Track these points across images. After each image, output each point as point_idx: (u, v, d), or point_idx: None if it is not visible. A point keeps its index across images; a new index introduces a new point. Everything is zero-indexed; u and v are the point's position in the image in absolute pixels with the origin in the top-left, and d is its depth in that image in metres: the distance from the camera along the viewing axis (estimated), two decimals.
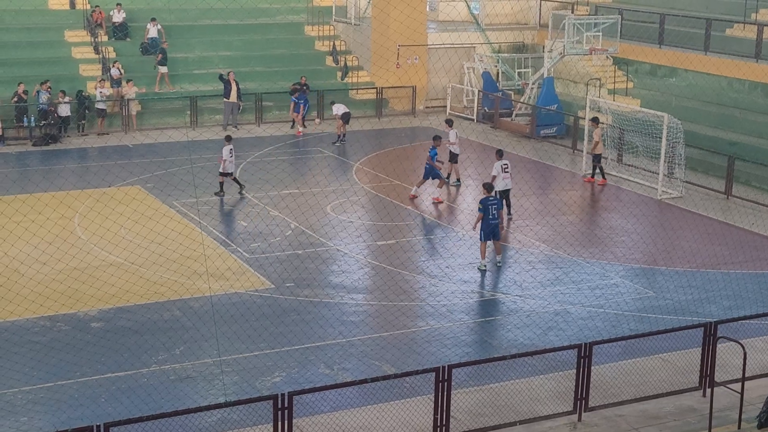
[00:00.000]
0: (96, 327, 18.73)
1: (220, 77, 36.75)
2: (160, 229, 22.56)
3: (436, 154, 27.47)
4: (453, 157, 29.63)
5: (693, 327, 16.75)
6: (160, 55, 38.44)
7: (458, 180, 29.79)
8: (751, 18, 37.02)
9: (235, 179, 28.02)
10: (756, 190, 29.32)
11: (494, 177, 25.55)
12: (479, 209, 22.32)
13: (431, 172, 27.55)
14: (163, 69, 38.39)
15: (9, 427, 14.83)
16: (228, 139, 28.02)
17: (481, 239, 22.28)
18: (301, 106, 36.75)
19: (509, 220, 25.77)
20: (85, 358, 17.20)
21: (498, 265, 22.50)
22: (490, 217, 22.07)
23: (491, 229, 22.19)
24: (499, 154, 26.29)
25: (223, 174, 27.66)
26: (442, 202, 27.61)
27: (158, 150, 32.48)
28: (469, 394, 15.91)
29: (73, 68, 37.92)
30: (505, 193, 25.82)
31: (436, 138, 28.22)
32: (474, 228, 22.59)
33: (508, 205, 26.04)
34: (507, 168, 25.99)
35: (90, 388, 16.16)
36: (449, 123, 30.62)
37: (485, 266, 22.24)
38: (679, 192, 28.99)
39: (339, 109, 35.84)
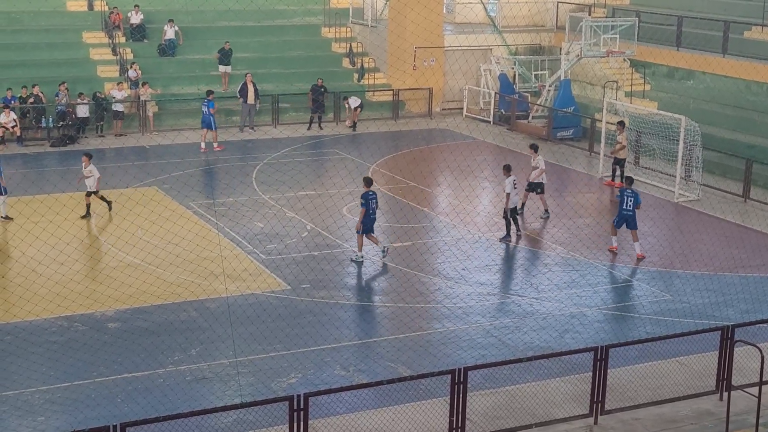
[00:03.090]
0: (113, 327, 18.80)
1: (239, 92, 36.72)
2: (177, 230, 22.62)
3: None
4: (537, 187, 26.53)
5: (710, 330, 16.67)
6: (218, 55, 38.67)
7: (546, 211, 26.62)
8: None
9: (101, 197, 25.73)
10: None
11: (508, 194, 24.27)
12: (362, 204, 22.60)
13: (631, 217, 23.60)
14: (223, 69, 38.66)
15: (26, 427, 14.91)
16: (89, 156, 25.74)
17: (359, 232, 22.64)
18: (211, 118, 33.21)
19: (519, 238, 24.78)
20: (102, 358, 17.28)
21: (384, 255, 22.74)
22: (371, 211, 22.55)
23: (371, 223, 22.78)
24: (507, 169, 24.53)
25: (92, 192, 25.51)
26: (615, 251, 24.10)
27: (175, 151, 32.57)
28: (484, 397, 15.88)
29: (90, 69, 38.08)
30: (514, 211, 24.64)
31: (629, 180, 24.41)
32: (358, 223, 22.64)
33: (516, 224, 24.73)
34: (516, 184, 24.63)
35: (107, 388, 16.22)
36: (535, 148, 26.88)
37: (362, 257, 22.65)
38: (696, 195, 28.87)
39: (355, 102, 37.71)
